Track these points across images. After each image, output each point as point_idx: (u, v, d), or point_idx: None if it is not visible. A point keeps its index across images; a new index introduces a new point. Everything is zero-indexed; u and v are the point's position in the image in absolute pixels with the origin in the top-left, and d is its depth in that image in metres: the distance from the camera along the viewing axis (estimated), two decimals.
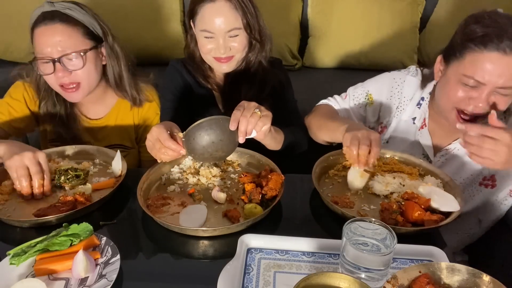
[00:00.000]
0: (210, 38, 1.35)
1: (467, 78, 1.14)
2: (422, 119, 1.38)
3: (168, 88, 1.52)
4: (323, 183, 1.25)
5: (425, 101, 1.37)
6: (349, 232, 0.89)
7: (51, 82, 1.37)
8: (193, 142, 1.10)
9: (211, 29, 1.33)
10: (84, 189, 1.18)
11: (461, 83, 1.17)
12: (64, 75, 1.33)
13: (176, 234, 1.04)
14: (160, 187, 1.22)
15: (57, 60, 1.31)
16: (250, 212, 1.08)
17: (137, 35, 2.43)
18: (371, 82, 1.49)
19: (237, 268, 0.91)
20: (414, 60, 2.55)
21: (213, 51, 1.37)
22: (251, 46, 1.43)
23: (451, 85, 1.20)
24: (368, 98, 1.47)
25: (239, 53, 1.40)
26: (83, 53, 1.34)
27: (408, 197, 1.12)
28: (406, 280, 0.84)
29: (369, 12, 2.42)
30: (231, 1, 1.32)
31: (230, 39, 1.35)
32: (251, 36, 1.38)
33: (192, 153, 1.12)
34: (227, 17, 1.32)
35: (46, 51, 1.31)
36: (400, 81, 1.43)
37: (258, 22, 1.39)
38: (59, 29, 1.31)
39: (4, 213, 1.11)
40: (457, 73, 1.17)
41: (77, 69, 1.34)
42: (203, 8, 1.33)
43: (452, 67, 1.20)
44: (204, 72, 1.50)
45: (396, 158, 1.33)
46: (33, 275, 0.91)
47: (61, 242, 0.95)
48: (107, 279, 0.88)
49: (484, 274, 0.83)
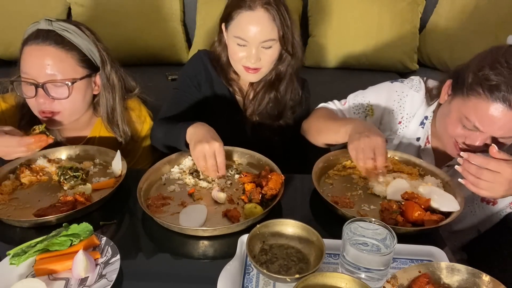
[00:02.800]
0: (242, 46, 1.34)
1: (467, 121, 1.11)
2: (426, 137, 1.36)
3: (188, 76, 1.50)
4: (323, 183, 1.24)
5: (428, 120, 1.34)
6: (349, 232, 0.89)
7: (31, 105, 1.27)
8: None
9: (246, 37, 1.32)
10: (84, 189, 1.18)
11: (461, 122, 1.14)
12: (45, 102, 1.23)
13: (176, 234, 1.04)
14: (160, 187, 1.22)
15: (40, 85, 1.21)
16: (250, 212, 1.08)
17: (137, 35, 2.43)
18: (372, 92, 1.44)
19: (237, 268, 0.91)
20: (414, 60, 2.55)
21: (244, 59, 1.36)
22: (281, 58, 1.42)
23: (452, 120, 1.17)
24: (369, 110, 1.43)
25: (267, 66, 1.39)
26: (70, 83, 1.24)
27: (408, 197, 1.11)
28: (406, 280, 0.84)
29: (369, 12, 2.42)
30: (269, 11, 1.30)
31: (263, 49, 1.34)
32: (284, 48, 1.37)
33: None
34: (264, 27, 1.30)
35: (31, 72, 1.21)
36: (402, 94, 1.38)
37: (292, 34, 1.38)
38: (51, 52, 1.21)
39: (4, 213, 1.11)
40: (459, 111, 1.14)
41: (61, 98, 1.24)
42: (240, 15, 1.32)
43: (457, 101, 1.15)
44: (228, 75, 1.49)
45: (396, 158, 1.33)
46: (33, 275, 0.91)
47: (61, 242, 0.95)
48: (107, 279, 0.88)
49: (484, 274, 0.84)
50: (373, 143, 1.13)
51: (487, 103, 1.07)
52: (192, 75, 1.50)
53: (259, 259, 0.90)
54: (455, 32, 2.41)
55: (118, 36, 2.40)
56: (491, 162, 1.02)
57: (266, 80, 1.47)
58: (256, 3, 1.30)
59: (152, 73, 2.37)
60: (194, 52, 2.46)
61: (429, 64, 2.62)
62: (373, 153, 1.12)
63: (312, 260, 0.90)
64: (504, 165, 1.01)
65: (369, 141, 1.13)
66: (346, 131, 1.22)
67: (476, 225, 1.36)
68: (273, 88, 1.48)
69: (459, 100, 1.14)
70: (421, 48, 2.58)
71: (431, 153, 1.35)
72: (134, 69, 1.79)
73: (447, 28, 2.46)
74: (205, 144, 1.17)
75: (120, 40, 2.41)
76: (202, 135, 1.20)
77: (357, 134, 1.16)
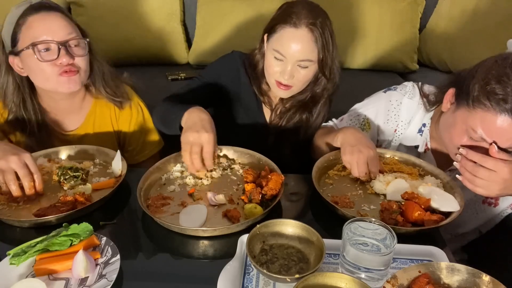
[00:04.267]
0: (279, 61, 1.33)
1: (474, 132, 1.10)
2: (425, 145, 1.35)
3: (216, 73, 1.48)
4: (323, 183, 1.24)
5: (426, 127, 1.34)
6: (349, 232, 0.89)
7: (47, 71, 1.26)
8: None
9: (284, 53, 1.31)
10: (84, 189, 1.17)
11: (467, 134, 1.12)
12: (68, 61, 1.26)
13: (176, 234, 1.04)
14: (160, 187, 1.22)
15: (62, 44, 1.24)
16: (250, 212, 1.08)
17: (137, 35, 2.43)
18: (367, 105, 1.45)
19: (237, 268, 0.91)
20: (414, 60, 2.55)
21: (278, 74, 1.35)
22: (316, 81, 1.42)
23: (457, 131, 1.15)
24: (365, 123, 1.44)
25: (299, 85, 1.38)
26: (86, 40, 1.30)
27: (408, 197, 1.12)
28: (405, 280, 0.84)
29: (369, 12, 2.42)
30: (313, 32, 1.29)
31: (298, 68, 1.33)
32: (321, 71, 1.37)
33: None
34: (304, 47, 1.29)
35: (49, 35, 1.23)
36: (396, 103, 1.38)
37: (332, 59, 1.37)
38: (60, 16, 1.27)
39: (4, 213, 1.11)
40: (465, 122, 1.12)
41: (81, 55, 1.29)
42: (284, 30, 1.31)
43: (462, 112, 1.13)
44: (260, 84, 1.48)
45: (396, 158, 1.33)
46: (33, 275, 0.91)
47: (61, 242, 0.95)
48: (107, 279, 0.88)
49: (484, 274, 0.84)
50: (365, 157, 1.18)
51: (494, 116, 1.05)
52: (218, 75, 1.48)
53: (260, 259, 0.90)
54: (455, 32, 2.41)
55: (118, 36, 2.40)
56: (488, 160, 1.04)
57: (300, 100, 1.46)
58: (302, 21, 1.29)
59: (152, 73, 2.37)
60: (194, 52, 2.49)
61: (429, 64, 2.62)
62: (367, 167, 1.18)
63: (312, 260, 0.90)
64: (502, 165, 1.02)
65: (362, 156, 1.18)
66: (337, 141, 1.27)
67: (478, 227, 1.36)
68: (306, 109, 1.47)
69: (464, 111, 1.12)
70: (421, 48, 2.58)
71: (432, 159, 1.34)
72: (134, 69, 1.79)
73: (447, 28, 2.46)
74: (193, 133, 1.14)
75: (120, 40, 2.41)
76: (193, 123, 1.18)
77: (349, 147, 1.21)
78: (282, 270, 0.88)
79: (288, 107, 1.48)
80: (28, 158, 1.13)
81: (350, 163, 1.20)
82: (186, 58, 2.55)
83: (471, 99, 1.09)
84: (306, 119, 1.48)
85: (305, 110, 1.47)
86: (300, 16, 1.29)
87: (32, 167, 1.13)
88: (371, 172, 1.20)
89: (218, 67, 1.50)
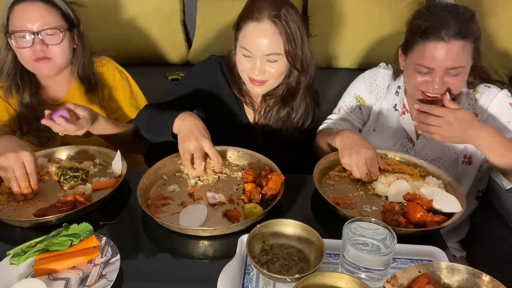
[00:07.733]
0: (248, 57, 1.32)
1: (419, 66, 1.27)
2: (402, 105, 1.47)
3: (195, 79, 1.47)
4: (324, 184, 1.24)
5: (401, 89, 1.48)
6: (349, 232, 0.89)
7: (25, 56, 1.38)
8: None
9: (250, 49, 1.29)
10: (84, 189, 1.17)
11: (416, 71, 1.29)
12: (41, 48, 1.37)
13: (176, 234, 1.04)
14: (160, 187, 1.22)
15: (36, 33, 1.35)
16: (250, 212, 1.08)
17: (137, 35, 2.43)
18: (353, 86, 1.58)
19: (237, 268, 0.91)
20: None
21: (249, 70, 1.33)
22: (290, 74, 1.39)
23: (410, 73, 1.33)
24: (359, 100, 1.53)
25: (273, 80, 1.35)
26: (62, 30, 1.39)
27: (410, 198, 1.11)
28: (405, 280, 0.84)
29: (369, 12, 2.42)
30: (276, 25, 1.26)
31: (268, 63, 1.31)
32: (291, 64, 1.33)
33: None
34: (269, 40, 1.27)
35: (27, 24, 1.35)
36: (374, 76, 1.54)
37: (302, 50, 1.33)
38: (40, 6, 1.36)
39: (4, 213, 1.11)
40: (411, 63, 1.31)
41: (54, 43, 1.39)
42: (247, 26, 1.29)
43: (408, 58, 1.34)
44: (240, 85, 1.45)
45: (397, 159, 1.33)
46: (33, 275, 0.91)
47: (61, 242, 0.95)
48: (107, 279, 0.88)
49: (484, 274, 0.84)
50: (364, 157, 1.19)
51: (426, 45, 1.25)
52: (197, 81, 1.47)
53: (260, 259, 0.90)
54: None
55: (118, 36, 2.40)
56: (437, 109, 1.20)
57: (279, 95, 1.43)
58: (263, 14, 1.27)
59: (152, 73, 2.37)
60: (194, 52, 2.49)
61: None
62: (366, 167, 1.19)
63: (312, 260, 0.90)
64: (447, 111, 1.19)
65: (360, 157, 1.19)
66: (335, 144, 1.29)
67: (473, 190, 1.48)
68: (287, 104, 1.44)
69: (409, 56, 1.33)
70: None
71: (410, 121, 1.44)
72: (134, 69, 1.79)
73: None
74: (193, 141, 1.17)
75: (120, 40, 2.41)
76: (189, 130, 1.19)
77: (347, 150, 1.22)
78: (282, 270, 0.88)
79: (272, 105, 1.45)
80: (27, 157, 1.14)
81: (349, 165, 1.21)
82: (186, 58, 2.55)
83: (408, 43, 1.32)
84: (287, 114, 1.46)
85: (286, 106, 1.45)
86: (262, 10, 1.27)
87: (29, 167, 1.14)
88: (371, 171, 1.20)
89: (195, 74, 1.49)
